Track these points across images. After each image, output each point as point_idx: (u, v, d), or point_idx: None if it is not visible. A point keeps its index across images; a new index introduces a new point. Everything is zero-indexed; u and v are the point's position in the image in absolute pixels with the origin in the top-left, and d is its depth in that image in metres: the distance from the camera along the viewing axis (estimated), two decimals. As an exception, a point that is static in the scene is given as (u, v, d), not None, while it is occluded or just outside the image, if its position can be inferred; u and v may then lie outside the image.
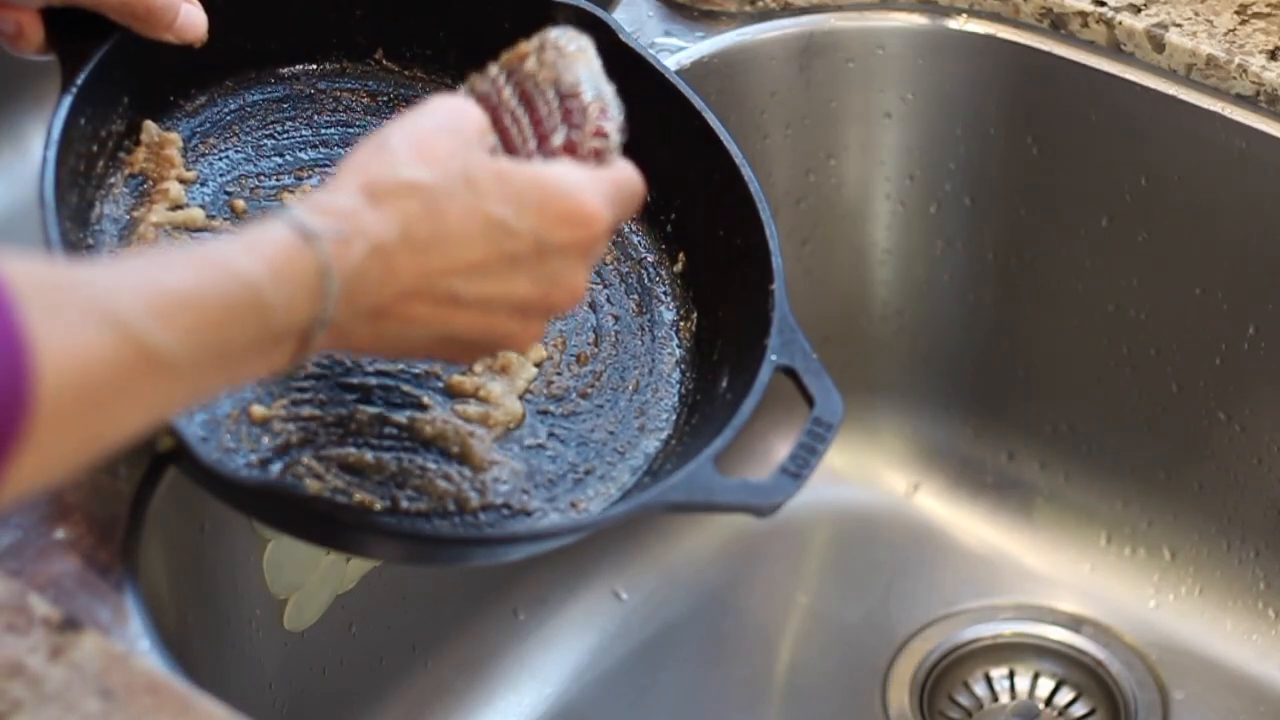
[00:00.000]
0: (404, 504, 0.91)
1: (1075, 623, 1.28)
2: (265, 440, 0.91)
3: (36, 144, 0.93)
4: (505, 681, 1.23)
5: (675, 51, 1.22)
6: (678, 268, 1.04)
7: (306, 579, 1.09)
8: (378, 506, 0.90)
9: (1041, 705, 1.25)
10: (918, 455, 1.35)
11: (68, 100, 0.93)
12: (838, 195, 1.30)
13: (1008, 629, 1.29)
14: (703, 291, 1.02)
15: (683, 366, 1.01)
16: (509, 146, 0.89)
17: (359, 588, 1.13)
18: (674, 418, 0.99)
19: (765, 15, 1.25)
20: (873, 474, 1.35)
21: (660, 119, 1.02)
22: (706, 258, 1.03)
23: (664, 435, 0.98)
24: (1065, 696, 1.26)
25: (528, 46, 0.92)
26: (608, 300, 1.02)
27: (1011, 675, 1.27)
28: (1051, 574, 1.31)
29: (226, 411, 0.91)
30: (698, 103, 1.03)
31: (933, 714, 1.24)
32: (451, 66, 1.06)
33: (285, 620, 1.08)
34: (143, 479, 0.94)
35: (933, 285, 1.32)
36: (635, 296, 1.03)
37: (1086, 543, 1.32)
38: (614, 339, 1.01)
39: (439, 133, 0.83)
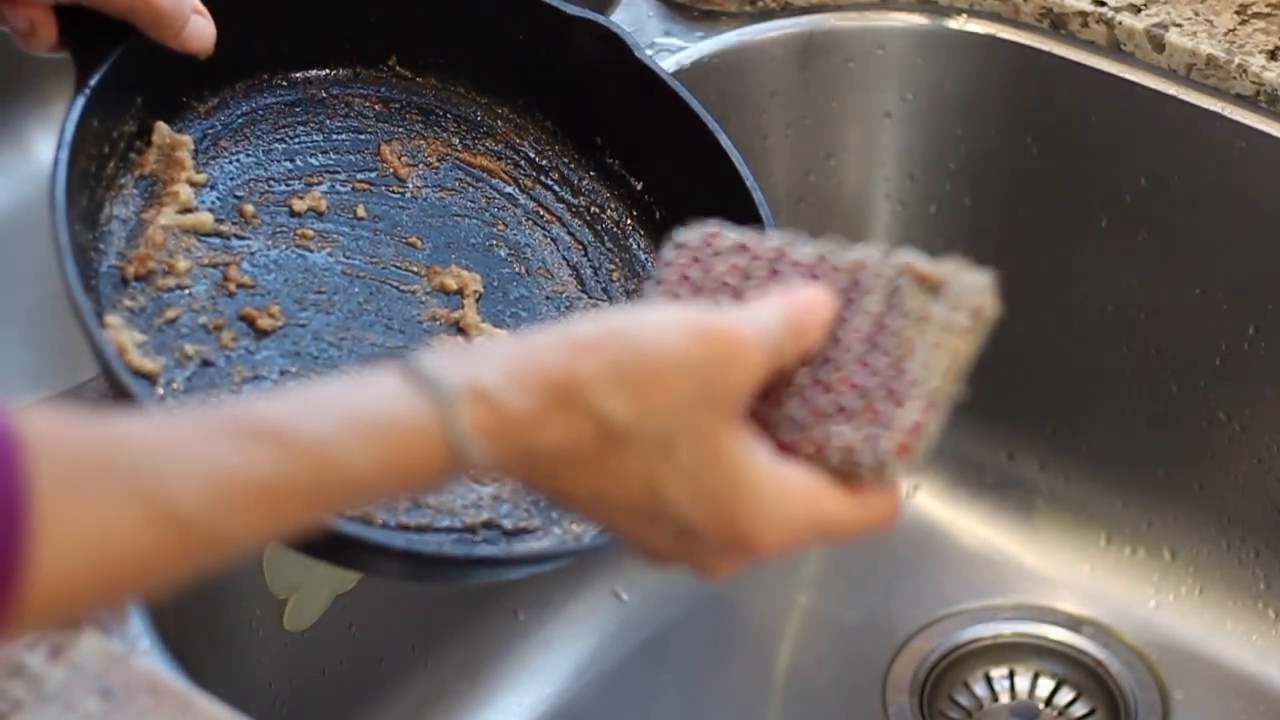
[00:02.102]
0: (404, 518, 0.91)
1: (1075, 623, 1.28)
2: None
3: (38, 144, 0.92)
4: (505, 682, 1.23)
5: (675, 52, 1.22)
6: None
7: (306, 579, 1.09)
8: (378, 520, 0.90)
9: (1041, 705, 1.25)
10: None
11: (81, 101, 0.91)
12: (838, 195, 1.30)
13: (1008, 629, 1.28)
14: None
15: None
16: (816, 359, 0.77)
17: (359, 588, 1.13)
18: None
19: (765, 15, 1.25)
20: (873, 474, 1.35)
21: (660, 124, 1.02)
22: None
23: None
24: (1065, 696, 1.25)
25: (941, 277, 0.79)
26: None
27: (1011, 675, 1.27)
28: (1051, 574, 1.31)
29: None
30: (695, 105, 1.03)
31: (933, 714, 1.24)
32: (465, 74, 1.06)
33: (285, 620, 1.08)
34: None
35: (933, 285, 1.32)
36: None
37: (1086, 543, 1.31)
38: None
39: (687, 377, 0.71)
